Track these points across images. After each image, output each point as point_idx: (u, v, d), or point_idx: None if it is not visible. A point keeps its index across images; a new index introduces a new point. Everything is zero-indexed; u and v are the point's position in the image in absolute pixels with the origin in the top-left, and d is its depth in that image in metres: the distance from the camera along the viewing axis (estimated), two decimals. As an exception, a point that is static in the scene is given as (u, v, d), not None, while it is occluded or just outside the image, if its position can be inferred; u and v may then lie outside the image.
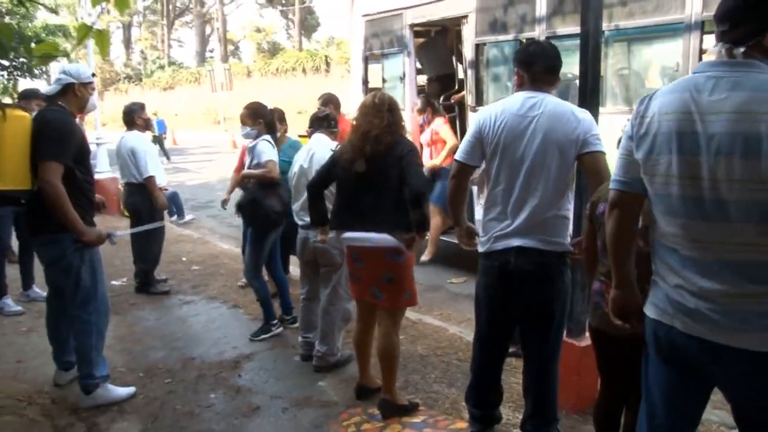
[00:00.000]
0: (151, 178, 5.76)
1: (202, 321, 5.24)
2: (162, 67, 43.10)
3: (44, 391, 3.94)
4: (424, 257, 6.15)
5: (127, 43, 49.11)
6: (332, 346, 4.15)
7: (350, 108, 7.51)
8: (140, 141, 5.91)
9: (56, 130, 3.46)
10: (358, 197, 3.43)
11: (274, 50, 44.42)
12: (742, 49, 1.73)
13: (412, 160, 3.34)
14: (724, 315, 1.77)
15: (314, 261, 4.18)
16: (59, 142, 3.43)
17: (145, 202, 5.78)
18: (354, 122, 3.48)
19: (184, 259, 7.27)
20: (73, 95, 3.69)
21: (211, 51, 50.17)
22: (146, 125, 6.20)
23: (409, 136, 4.09)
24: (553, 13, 5.25)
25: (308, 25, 46.80)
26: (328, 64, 30.50)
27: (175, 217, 9.62)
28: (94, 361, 3.75)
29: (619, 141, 2.11)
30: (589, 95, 3.29)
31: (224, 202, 6.03)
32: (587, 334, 3.53)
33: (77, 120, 4.22)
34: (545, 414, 3.12)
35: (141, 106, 6.15)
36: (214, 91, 28.87)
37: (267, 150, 4.57)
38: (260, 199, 4.49)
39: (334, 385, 3.98)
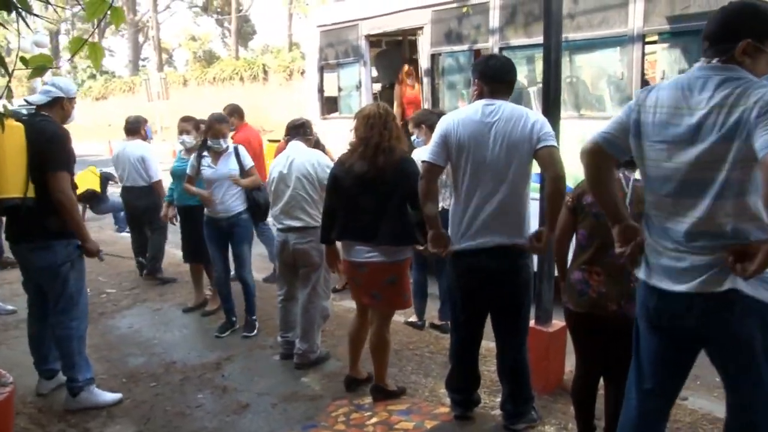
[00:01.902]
0: (160, 181, 6.49)
1: (175, 327, 5.31)
2: (93, 77, 41.84)
3: (28, 402, 3.95)
4: None
5: (56, 51, 47.43)
6: (312, 344, 4.33)
7: (307, 116, 7.70)
8: (148, 149, 6.68)
9: (61, 141, 3.62)
10: (364, 210, 3.57)
11: (209, 59, 43.82)
12: (716, 60, 2.08)
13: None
14: (702, 268, 2.09)
15: (293, 263, 4.35)
16: (66, 153, 3.61)
17: (155, 202, 6.40)
18: (358, 134, 3.58)
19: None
20: (60, 108, 3.81)
21: (143, 60, 49.07)
22: (146, 136, 6.91)
23: None
24: (505, 24, 5.58)
25: (244, 33, 46.41)
26: (266, 72, 30.33)
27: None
28: (78, 364, 3.84)
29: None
30: (552, 102, 3.59)
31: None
32: (554, 321, 3.88)
33: None
34: (521, 394, 3.41)
35: (145, 120, 6.89)
36: (151, 100, 28.27)
37: (249, 155, 4.90)
38: (258, 197, 4.90)
39: (318, 380, 4.16)
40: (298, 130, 4.37)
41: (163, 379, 4.27)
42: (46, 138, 3.56)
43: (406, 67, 7.24)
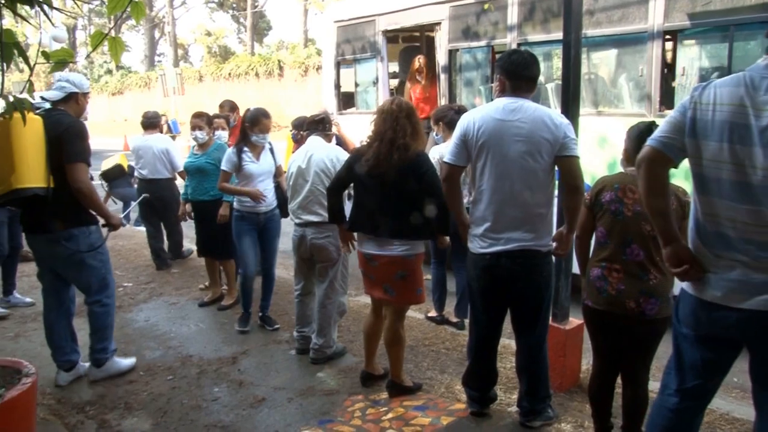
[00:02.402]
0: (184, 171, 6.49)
1: (191, 321, 5.34)
2: (110, 72, 42.19)
3: (47, 393, 4.00)
4: None
5: (72, 46, 47.80)
6: (329, 339, 4.34)
7: (327, 109, 7.72)
8: (170, 141, 7.07)
9: (80, 134, 3.70)
10: (376, 205, 3.57)
11: (225, 54, 43.99)
12: None
13: (436, 178, 3.46)
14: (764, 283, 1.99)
15: (310, 258, 4.36)
16: (82, 144, 3.70)
17: (177, 193, 6.76)
18: (375, 129, 3.58)
19: (161, 262, 7.31)
20: (75, 103, 3.91)
21: (159, 55, 49.35)
22: (162, 130, 7.26)
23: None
24: (524, 20, 5.54)
25: (259, 29, 46.49)
26: (281, 68, 30.39)
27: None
28: (111, 336, 4.15)
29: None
30: (571, 98, 3.56)
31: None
32: (571, 318, 3.86)
33: None
34: (539, 391, 3.39)
35: (161, 115, 7.31)
36: (166, 95, 28.38)
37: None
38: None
39: (333, 375, 4.17)
40: (318, 125, 4.36)
41: (180, 372, 4.29)
42: (63, 130, 3.63)
43: (416, 64, 7.16)
